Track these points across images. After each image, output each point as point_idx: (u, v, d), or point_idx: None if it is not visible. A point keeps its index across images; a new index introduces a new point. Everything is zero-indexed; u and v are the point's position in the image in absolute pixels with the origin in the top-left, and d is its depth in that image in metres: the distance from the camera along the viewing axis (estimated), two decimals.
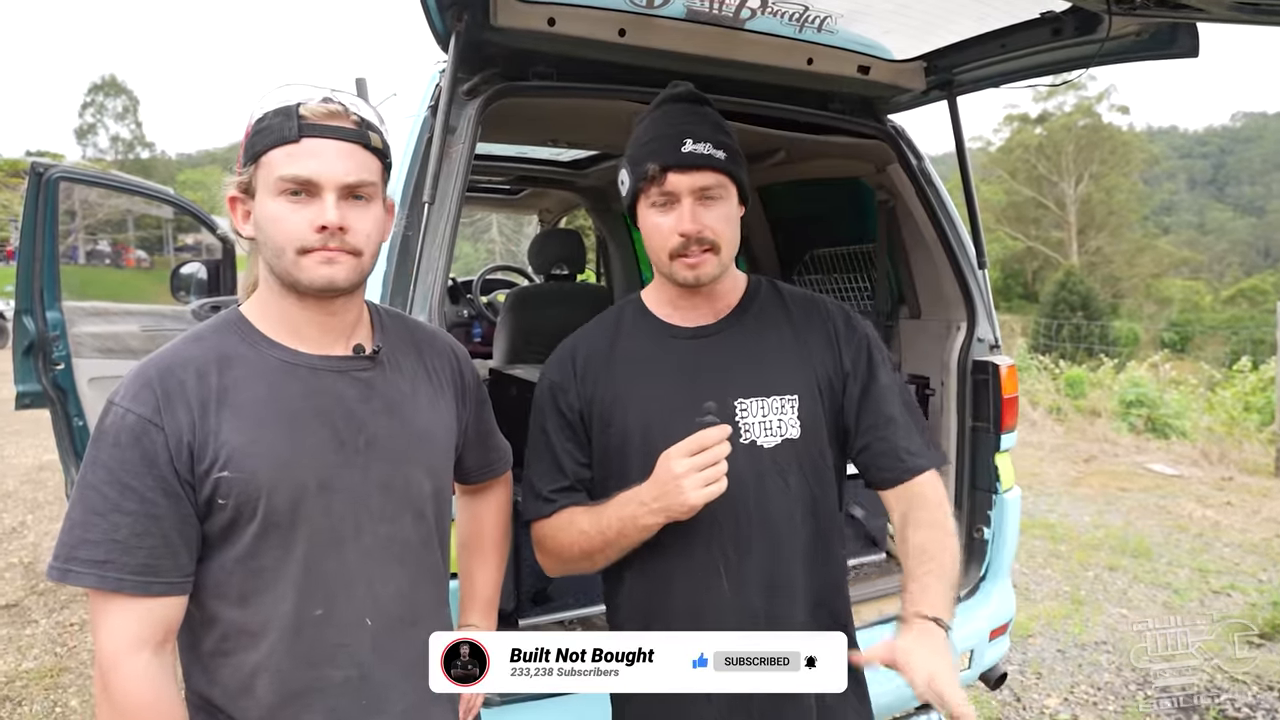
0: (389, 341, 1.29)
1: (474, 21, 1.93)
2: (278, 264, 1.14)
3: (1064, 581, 5.12)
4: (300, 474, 1.13)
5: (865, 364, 1.47)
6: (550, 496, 1.48)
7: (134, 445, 1.06)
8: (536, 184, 5.17)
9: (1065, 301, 25.90)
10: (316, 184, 1.12)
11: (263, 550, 1.12)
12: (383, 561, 1.21)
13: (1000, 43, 2.28)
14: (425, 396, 1.31)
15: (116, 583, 1.05)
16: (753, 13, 2.13)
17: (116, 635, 1.06)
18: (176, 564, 1.09)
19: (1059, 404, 11.12)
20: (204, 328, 1.19)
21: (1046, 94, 35.48)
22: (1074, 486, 7.52)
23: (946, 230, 2.73)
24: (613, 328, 1.55)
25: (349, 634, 1.17)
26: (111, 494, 1.05)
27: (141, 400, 1.08)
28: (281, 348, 1.18)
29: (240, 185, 1.15)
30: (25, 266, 3.91)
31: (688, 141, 1.35)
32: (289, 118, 1.12)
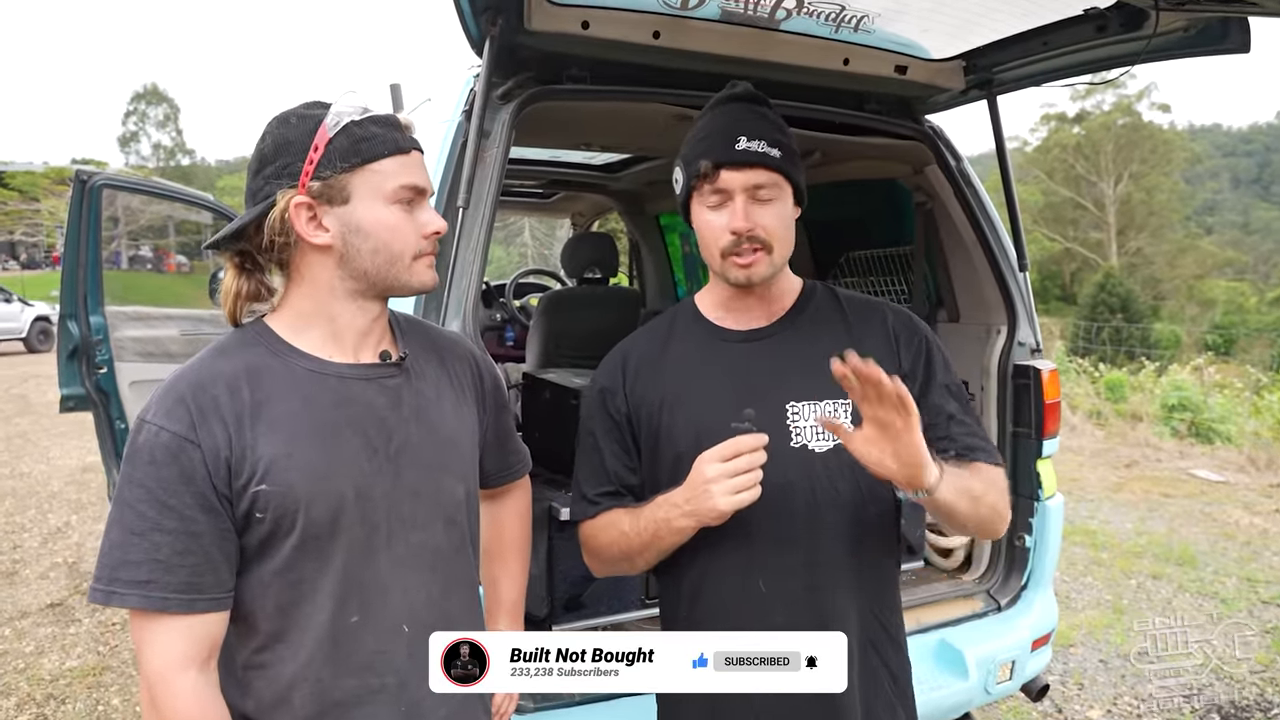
0: (412, 348, 1.30)
1: (508, 25, 1.93)
2: (388, 270, 1.17)
3: (1106, 590, 5.01)
4: (338, 484, 1.13)
5: (924, 366, 1.44)
6: (595, 499, 1.48)
7: (171, 463, 1.06)
8: (569, 187, 5.17)
9: (1104, 303, 25.47)
10: (425, 192, 1.20)
11: (301, 562, 1.12)
12: (415, 568, 1.21)
13: (1042, 40, 2.23)
14: (450, 402, 1.31)
15: (161, 602, 1.05)
16: (788, 13, 2.11)
17: (163, 654, 1.06)
18: (218, 580, 1.09)
19: (1099, 408, 10.90)
20: (228, 341, 1.19)
21: (1085, 93, 34.98)
22: (1115, 492, 7.36)
23: (986, 232, 2.68)
24: (665, 333, 1.54)
25: (386, 641, 1.18)
26: (150, 513, 1.05)
27: (175, 417, 1.07)
28: (309, 358, 1.18)
29: (315, 190, 1.13)
30: (70, 272, 3.99)
31: (741, 139, 1.35)
32: (396, 129, 1.17)
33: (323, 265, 1.17)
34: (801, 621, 1.37)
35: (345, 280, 1.18)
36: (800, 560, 1.39)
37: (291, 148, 1.14)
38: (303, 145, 1.13)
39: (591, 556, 1.53)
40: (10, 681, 3.72)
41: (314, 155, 1.12)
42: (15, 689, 3.65)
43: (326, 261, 1.17)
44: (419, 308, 1.89)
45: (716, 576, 1.42)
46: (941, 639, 2.44)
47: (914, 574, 2.85)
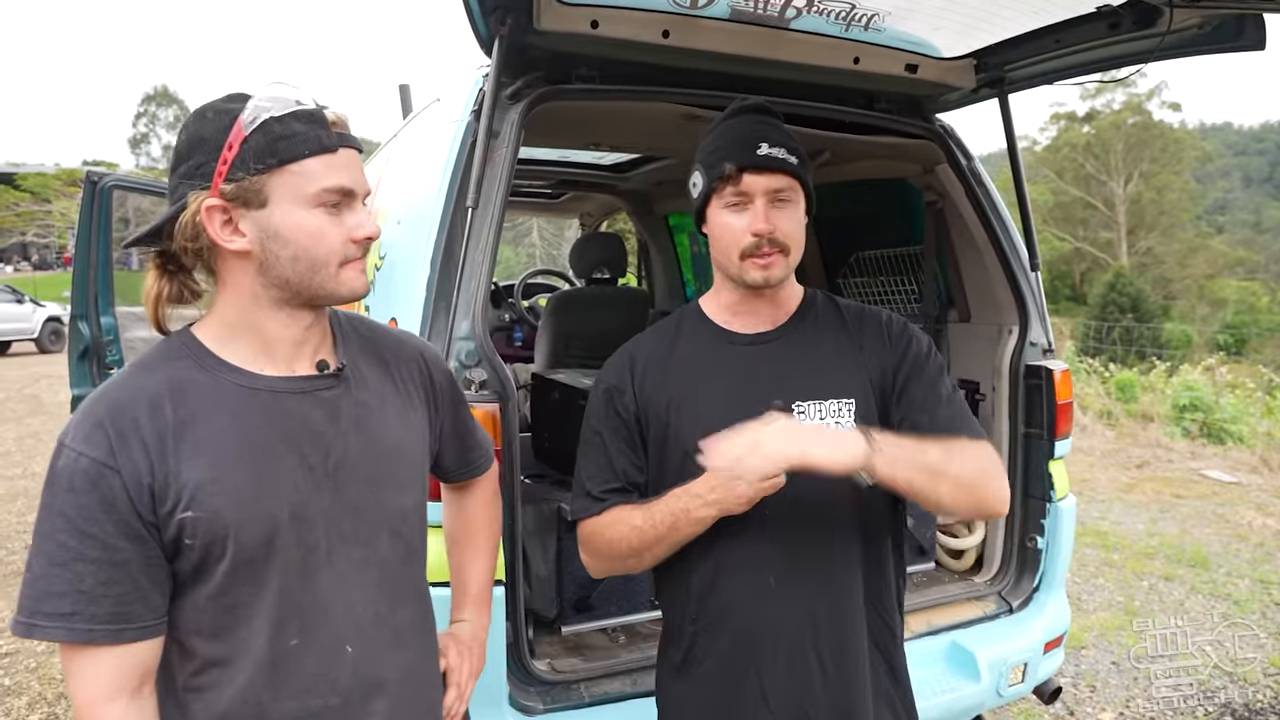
0: (352, 354, 1.23)
1: (517, 25, 1.93)
2: (311, 278, 1.09)
3: (1117, 591, 4.98)
4: (270, 506, 1.07)
5: (912, 361, 1.47)
6: (601, 496, 1.49)
7: (90, 490, 0.99)
8: (578, 188, 5.17)
9: (1115, 303, 25.33)
10: (354, 194, 1.10)
11: (234, 587, 1.07)
12: (360, 585, 1.16)
13: (1054, 38, 2.22)
14: (395, 409, 1.24)
15: (87, 634, 1.00)
16: (798, 12, 2.10)
17: (91, 685, 1.02)
18: (148, 607, 1.04)
19: (1109, 408, 10.84)
20: (153, 354, 1.11)
21: (1094, 92, 34.82)
22: (1126, 493, 7.32)
23: (998, 232, 2.67)
24: (671, 334, 1.56)
25: (328, 662, 1.13)
26: (72, 543, 0.99)
27: (94, 442, 1.01)
28: (240, 371, 1.10)
29: (230, 193, 1.04)
30: (80, 273, 4.01)
31: (763, 145, 1.39)
32: (321, 125, 1.07)
33: (244, 272, 1.09)
34: (820, 620, 1.40)
35: (268, 288, 1.09)
36: (810, 557, 1.41)
37: (205, 145, 1.06)
38: (216, 143, 1.05)
39: (593, 555, 1.52)
40: (22, 680, 3.74)
41: (228, 154, 1.04)
42: (27, 688, 3.66)
43: (247, 268, 1.09)
44: (427, 309, 1.89)
45: (728, 573, 1.43)
46: (953, 641, 2.43)
47: (925, 575, 2.83)
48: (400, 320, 1.98)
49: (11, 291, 21.12)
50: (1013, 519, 2.68)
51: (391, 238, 2.23)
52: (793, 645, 1.40)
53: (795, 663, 1.40)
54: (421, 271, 1.92)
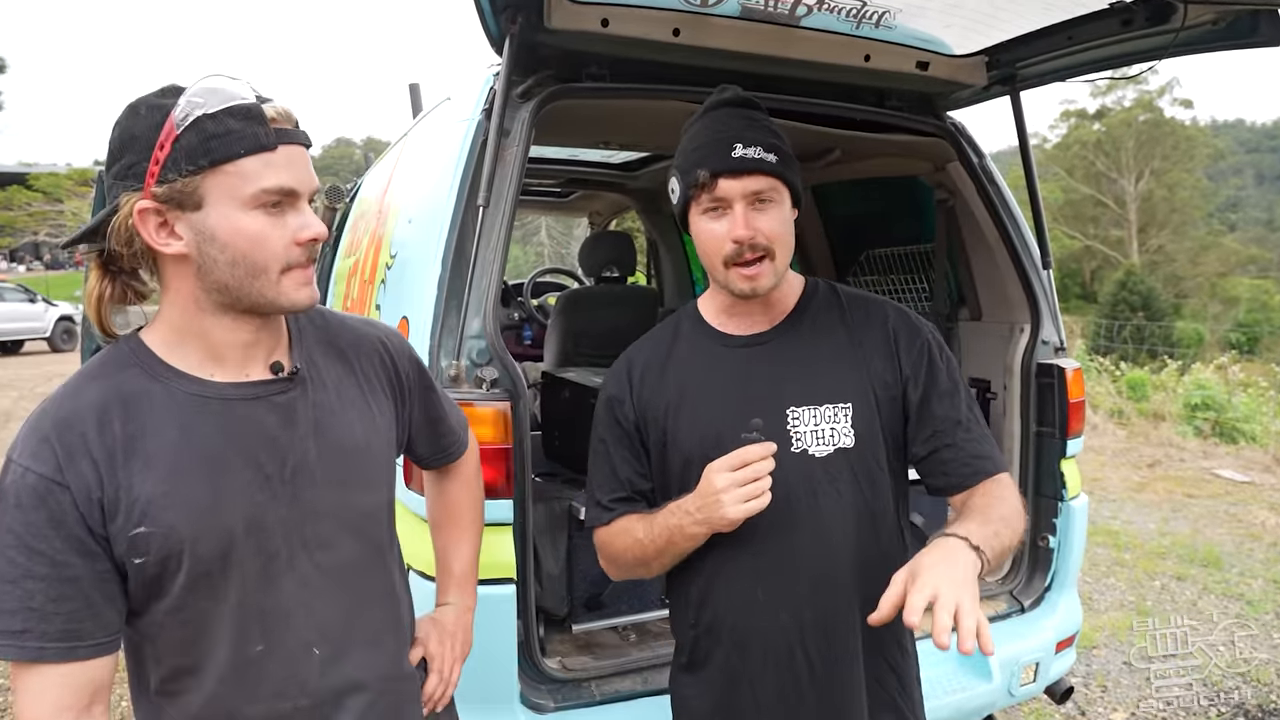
0: (309, 353, 1.19)
1: (528, 24, 1.93)
2: (249, 285, 1.04)
3: (1129, 591, 4.95)
4: (225, 519, 1.05)
5: (926, 368, 1.44)
6: (609, 505, 1.49)
7: (38, 507, 0.97)
8: (587, 186, 5.17)
9: (1125, 301, 25.17)
10: (296, 194, 1.04)
11: (193, 600, 1.05)
12: (322, 589, 1.13)
13: (1067, 35, 2.21)
14: (356, 408, 1.21)
15: (37, 652, 0.98)
16: (809, 9, 2.10)
17: (38, 704, 1.00)
18: (100, 624, 1.02)
19: (1120, 407, 10.78)
20: (100, 363, 1.07)
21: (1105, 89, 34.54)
22: (1138, 492, 7.28)
23: (1009, 230, 2.65)
24: (669, 338, 1.55)
25: (295, 665, 1.12)
26: (21, 559, 0.97)
27: (41, 458, 0.98)
28: (190, 379, 1.06)
29: (163, 195, 0.99)
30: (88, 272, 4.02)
31: (738, 146, 1.34)
32: (258, 122, 1.01)
33: (184, 276, 1.04)
34: (806, 624, 1.39)
35: (209, 293, 1.05)
36: (804, 564, 1.40)
37: (137, 144, 1.01)
38: (148, 141, 0.99)
39: (607, 562, 1.54)
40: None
41: (159, 154, 0.98)
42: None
43: (187, 272, 1.04)
44: (438, 308, 1.89)
45: (724, 582, 1.43)
46: None
47: None
48: (411, 318, 1.98)
49: (24, 291, 21.27)
50: None
51: (402, 236, 2.24)
52: (781, 656, 1.40)
53: (784, 673, 1.40)
54: (433, 270, 1.93)
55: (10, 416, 11.07)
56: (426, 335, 1.89)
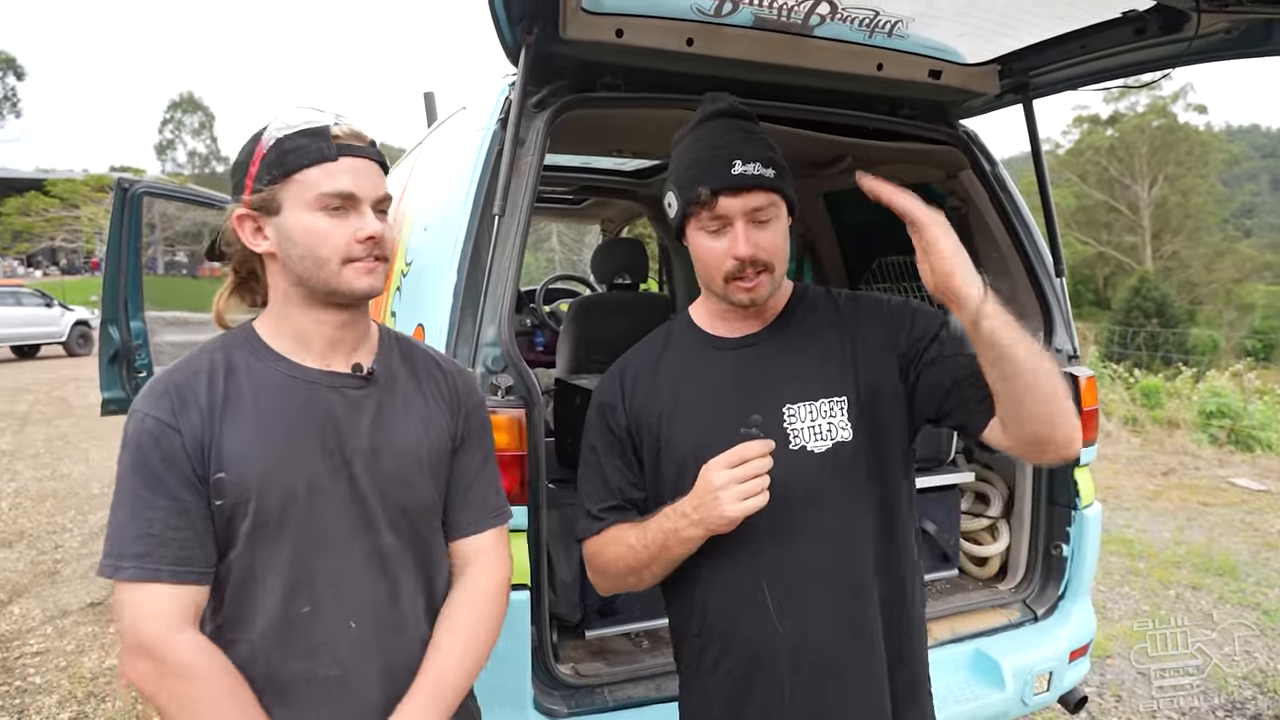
0: (388, 361, 1.35)
1: (544, 34, 1.94)
2: (317, 275, 1.22)
3: (1143, 600, 4.92)
4: (288, 477, 1.19)
5: (932, 333, 1.40)
6: (599, 515, 1.48)
7: (155, 447, 1.15)
8: (600, 194, 5.18)
9: (1139, 308, 25.04)
10: (357, 198, 1.22)
11: (253, 548, 1.19)
12: (366, 570, 1.26)
13: (1080, 43, 2.21)
14: (417, 415, 1.34)
15: (155, 573, 1.13)
16: (822, 19, 2.11)
17: (159, 617, 1.13)
18: (206, 555, 1.18)
19: (1134, 414, 10.72)
20: (216, 340, 1.28)
21: (1118, 95, 34.41)
22: (1152, 500, 7.23)
23: (1022, 238, 2.66)
24: (660, 345, 1.55)
25: (333, 634, 1.23)
26: (143, 492, 1.14)
27: (160, 406, 1.17)
28: (285, 361, 1.25)
29: (254, 203, 1.22)
30: (111, 279, 4.07)
31: (737, 163, 1.32)
32: (323, 138, 1.21)
33: (275, 272, 1.26)
34: (813, 625, 1.38)
35: (292, 286, 1.25)
36: (807, 563, 1.38)
37: (240, 168, 1.24)
38: (246, 163, 1.23)
39: (597, 573, 1.51)
40: (52, 679, 3.80)
41: (252, 170, 1.21)
42: (57, 686, 3.72)
43: (276, 269, 1.26)
44: (454, 315, 1.91)
45: (725, 587, 1.41)
46: (977, 649, 2.42)
47: (949, 582, 2.82)
48: (427, 325, 2.00)
49: (41, 295, 21.47)
50: (1037, 526, 2.67)
51: (418, 244, 2.26)
52: (788, 660, 1.38)
53: (793, 677, 1.38)
54: (449, 278, 1.94)
55: (28, 420, 11.18)
56: (442, 342, 1.90)
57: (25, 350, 20.91)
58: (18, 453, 9.02)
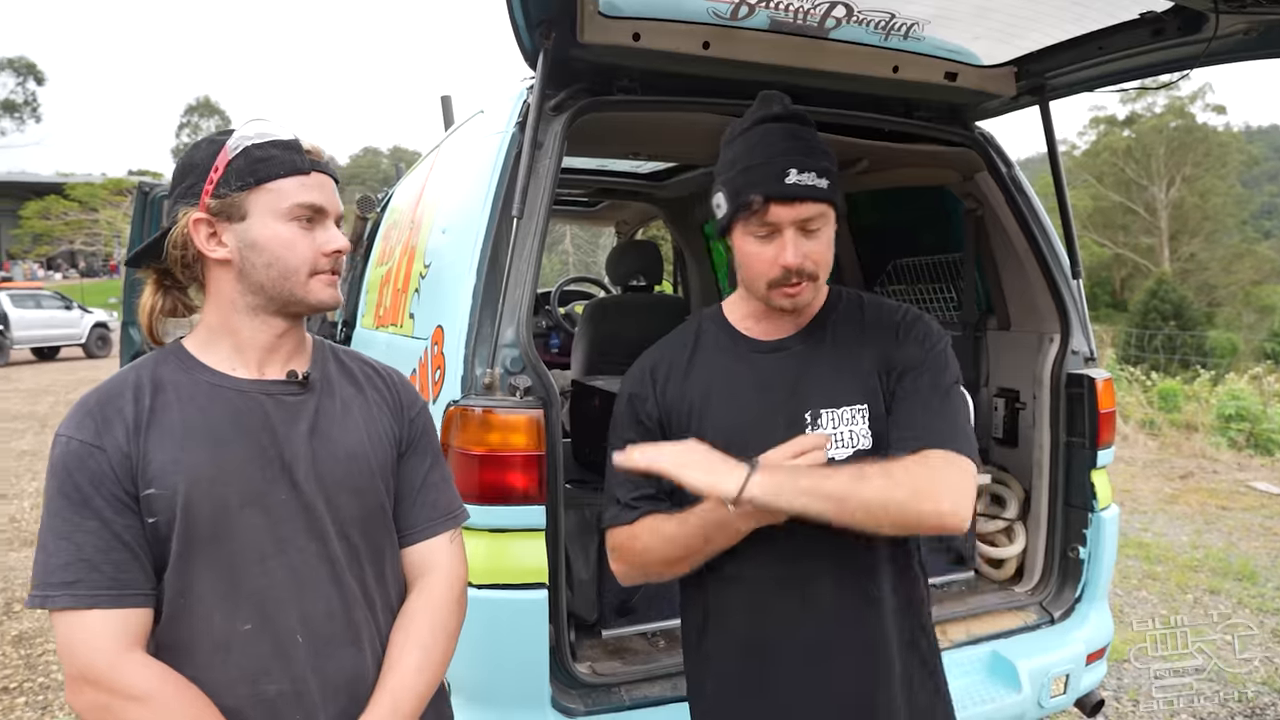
0: (324, 368, 1.32)
1: (561, 38, 1.96)
2: (282, 285, 1.20)
3: (1161, 604, 4.89)
4: (221, 490, 1.15)
5: (919, 364, 1.42)
6: (633, 503, 1.47)
7: (80, 468, 1.11)
8: (615, 196, 5.20)
9: (1156, 310, 24.81)
10: (325, 212, 1.23)
11: (187, 567, 1.14)
12: (312, 580, 1.21)
13: (1097, 45, 2.21)
14: (357, 420, 1.30)
15: (90, 600, 1.08)
16: (837, 22, 2.12)
17: (101, 644, 1.08)
18: (145, 576, 1.12)
19: (1151, 417, 10.64)
20: (145, 358, 1.23)
21: (1135, 95, 34.19)
22: (1170, 504, 7.18)
23: (1039, 240, 2.65)
24: (692, 340, 1.55)
25: (281, 649, 1.17)
26: (72, 516, 1.10)
27: (83, 427, 1.13)
28: (214, 372, 1.22)
29: (214, 208, 1.18)
30: (133, 281, 4.12)
31: (792, 172, 1.32)
32: (296, 151, 1.21)
33: (225, 280, 1.22)
34: (829, 628, 1.40)
35: (245, 295, 1.22)
36: (824, 568, 1.39)
37: (196, 170, 1.21)
38: (205, 167, 1.19)
39: (624, 563, 1.51)
40: None
41: (214, 175, 1.18)
42: None
43: (228, 276, 1.21)
44: (473, 317, 1.93)
45: (741, 589, 1.43)
46: (994, 651, 2.41)
47: (965, 585, 2.81)
48: (446, 327, 2.02)
49: (61, 298, 21.71)
50: (1054, 528, 2.66)
51: (437, 246, 2.28)
52: (803, 662, 1.39)
53: (808, 680, 1.39)
54: (467, 280, 1.96)
55: (48, 421, 11.30)
56: (461, 343, 1.92)
57: (45, 352, 21.13)
58: (39, 453, 9.11)
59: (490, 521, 1.85)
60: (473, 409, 1.86)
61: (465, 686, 1.88)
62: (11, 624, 4.45)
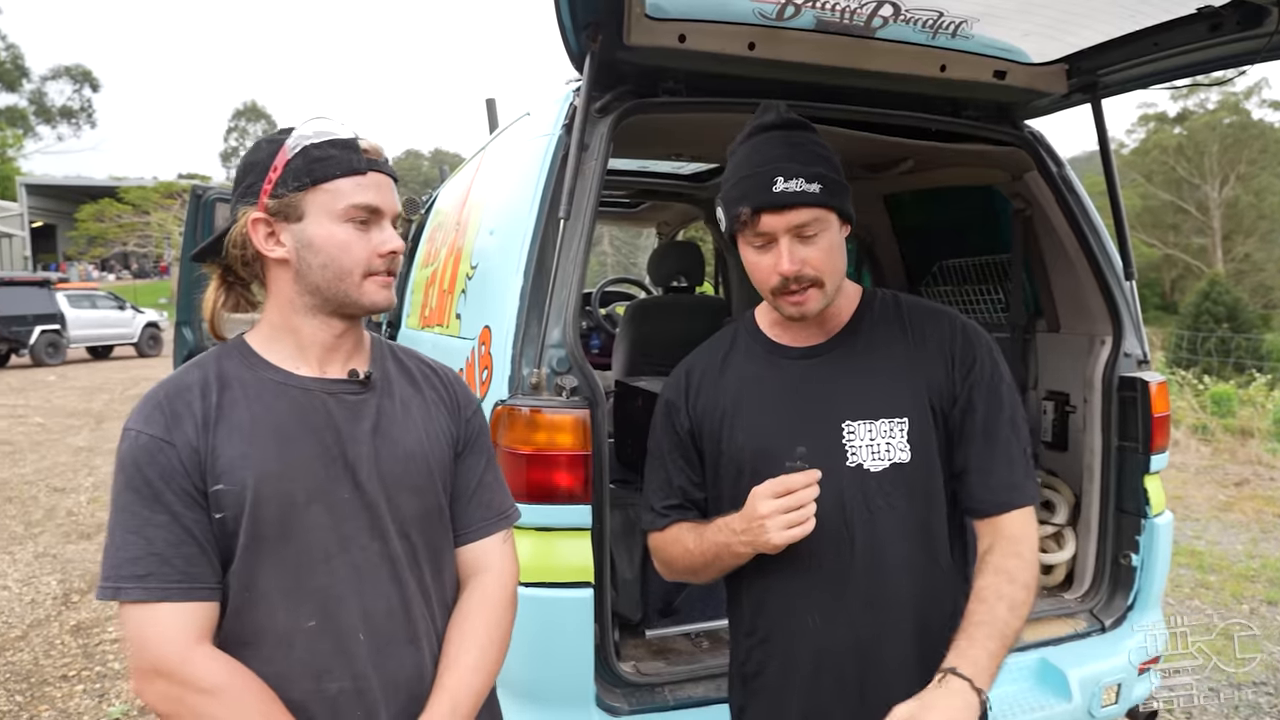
0: (384, 367, 1.32)
1: (608, 41, 1.97)
2: (337, 286, 1.20)
3: (1215, 614, 4.76)
4: (287, 486, 1.16)
5: (975, 384, 1.41)
6: (663, 511, 1.52)
7: (151, 463, 1.12)
8: (657, 197, 5.20)
9: (1209, 312, 24.13)
10: (381, 213, 1.22)
11: (253, 563, 1.15)
12: (373, 578, 1.22)
13: (1152, 41, 2.17)
14: (417, 420, 1.31)
15: (162, 593, 1.09)
16: (884, 21, 2.10)
17: (172, 637, 1.09)
18: (213, 570, 1.14)
19: (1203, 422, 10.36)
20: (209, 354, 1.25)
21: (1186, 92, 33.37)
22: (1224, 512, 6.98)
23: (1090, 240, 2.60)
24: (726, 347, 1.55)
25: (343, 647, 1.19)
26: (142, 510, 1.11)
27: (153, 422, 1.14)
28: (277, 369, 1.23)
29: (272, 207, 1.19)
30: (186, 282, 4.23)
31: (778, 180, 1.31)
32: (353, 150, 1.20)
33: (284, 280, 1.23)
34: (860, 640, 1.38)
35: (302, 295, 1.22)
36: (858, 580, 1.38)
37: (255, 169, 1.21)
38: (264, 167, 1.20)
39: (661, 565, 1.57)
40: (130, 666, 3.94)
41: (272, 175, 1.19)
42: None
43: (286, 276, 1.22)
44: (520, 318, 1.95)
45: (777, 595, 1.43)
46: (1042, 658, 2.37)
47: None
48: (493, 327, 2.05)
49: (114, 299, 22.31)
50: (1105, 535, 2.61)
51: (483, 248, 2.31)
52: (833, 672, 1.39)
53: (836, 689, 1.39)
54: (515, 281, 1.98)
55: (103, 418, 11.62)
56: (508, 344, 1.94)
57: (100, 351, 21.73)
58: (95, 449, 9.39)
59: (536, 520, 1.87)
60: (520, 409, 1.88)
61: (511, 684, 1.89)
62: (70, 614, 4.58)
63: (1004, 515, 1.38)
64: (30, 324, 19.25)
